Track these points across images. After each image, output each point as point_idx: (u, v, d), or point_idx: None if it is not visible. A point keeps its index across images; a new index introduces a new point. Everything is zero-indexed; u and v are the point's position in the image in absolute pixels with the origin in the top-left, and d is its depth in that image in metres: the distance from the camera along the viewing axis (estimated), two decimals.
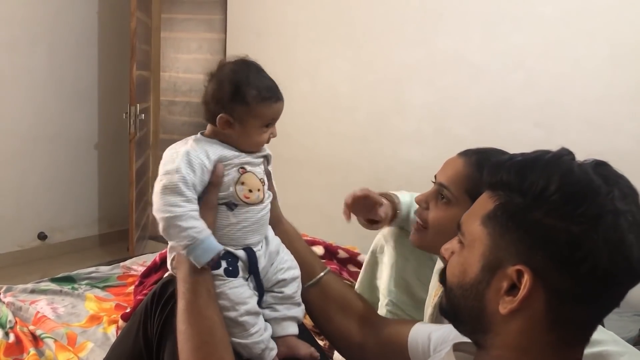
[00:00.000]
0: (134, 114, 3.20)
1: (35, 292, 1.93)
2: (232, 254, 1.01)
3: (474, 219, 0.71)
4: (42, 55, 3.28)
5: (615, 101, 2.22)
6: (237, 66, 1.05)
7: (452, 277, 0.74)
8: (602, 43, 2.23)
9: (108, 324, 1.74)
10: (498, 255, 0.67)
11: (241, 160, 1.03)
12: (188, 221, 0.93)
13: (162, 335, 1.05)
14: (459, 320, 0.75)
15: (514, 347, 0.68)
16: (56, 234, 3.50)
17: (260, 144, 1.06)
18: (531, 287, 0.64)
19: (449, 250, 0.77)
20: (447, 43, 2.57)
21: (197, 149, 1.00)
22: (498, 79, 2.46)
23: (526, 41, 2.38)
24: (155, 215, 0.95)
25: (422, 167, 2.70)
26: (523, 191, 0.66)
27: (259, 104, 1.02)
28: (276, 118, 1.06)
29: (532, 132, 2.38)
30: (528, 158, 0.69)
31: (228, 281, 0.99)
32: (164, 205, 0.94)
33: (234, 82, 1.02)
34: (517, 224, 0.66)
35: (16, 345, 1.58)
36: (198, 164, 0.97)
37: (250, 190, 1.02)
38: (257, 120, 1.03)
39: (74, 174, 3.57)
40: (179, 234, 0.93)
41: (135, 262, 2.29)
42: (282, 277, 1.07)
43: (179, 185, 0.94)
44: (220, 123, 1.03)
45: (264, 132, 1.04)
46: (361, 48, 2.80)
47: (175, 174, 0.95)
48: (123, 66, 3.46)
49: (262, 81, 1.04)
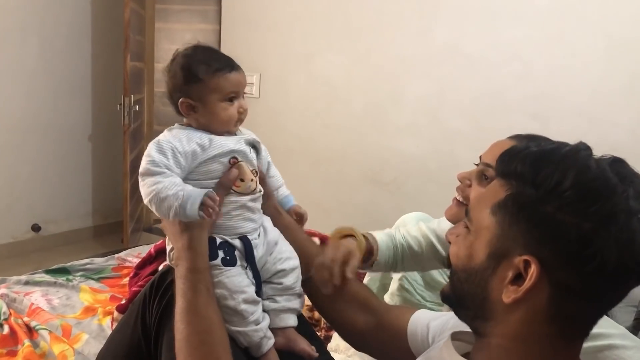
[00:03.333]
0: (127, 106, 3.18)
1: (29, 283, 1.93)
2: (228, 243, 1.01)
3: (483, 205, 0.71)
4: (33, 46, 3.25)
5: (610, 93, 2.23)
6: (186, 51, 1.06)
7: (457, 260, 0.74)
8: (598, 35, 2.24)
9: (103, 315, 1.74)
10: (505, 245, 0.67)
11: (231, 149, 1.02)
12: (172, 188, 0.93)
13: (161, 325, 1.04)
14: (461, 305, 0.76)
15: (513, 337, 0.68)
16: (50, 225, 3.49)
17: (230, 120, 1.04)
18: (537, 278, 0.64)
19: (454, 234, 0.77)
20: (442, 35, 2.56)
21: (167, 135, 1.00)
22: (494, 71, 2.46)
23: (522, 33, 2.38)
24: (146, 204, 0.96)
25: (417, 159, 2.70)
26: (536, 183, 0.65)
27: (212, 76, 1.01)
28: (238, 90, 1.04)
29: (527, 124, 2.38)
30: (544, 150, 0.68)
31: (226, 270, 0.99)
32: (146, 189, 0.95)
33: (184, 65, 1.03)
34: (528, 215, 0.65)
35: (10, 336, 1.58)
36: (169, 148, 0.97)
37: (242, 180, 1.02)
38: (215, 94, 1.01)
39: (67, 166, 3.55)
40: (171, 202, 0.93)
41: (129, 253, 2.29)
42: (281, 268, 1.06)
43: (150, 167, 0.95)
44: (183, 109, 1.03)
45: (229, 106, 1.03)
46: (357, 40, 2.79)
47: (146, 160, 0.96)
48: (116, 57, 3.44)
49: (212, 56, 1.04)
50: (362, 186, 2.85)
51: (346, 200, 2.91)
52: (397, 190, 2.74)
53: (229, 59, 1.05)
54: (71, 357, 1.51)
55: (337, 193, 2.96)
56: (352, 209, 2.89)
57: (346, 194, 2.91)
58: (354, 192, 2.88)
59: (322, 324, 1.68)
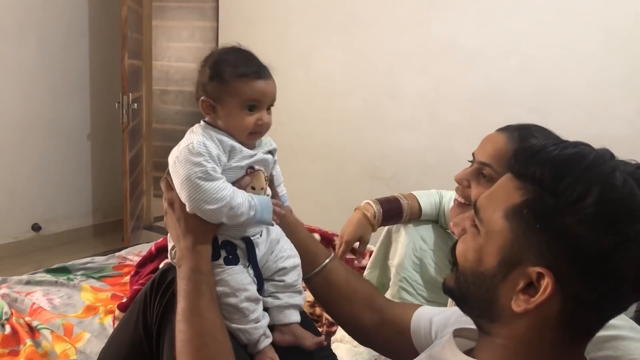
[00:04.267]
0: (126, 104, 3.18)
1: (30, 283, 1.93)
2: (230, 242, 1.01)
3: (495, 207, 0.68)
4: (31, 45, 3.24)
5: (609, 86, 2.23)
6: (220, 50, 1.03)
7: (464, 262, 0.71)
8: (596, 28, 2.23)
9: (104, 314, 1.74)
10: (519, 253, 0.64)
11: (252, 160, 1.00)
12: (237, 197, 0.93)
13: (162, 323, 1.04)
14: (466, 304, 0.74)
15: (518, 340, 0.67)
16: (50, 225, 3.49)
17: (245, 129, 0.98)
18: (551, 292, 0.62)
19: (460, 226, 0.74)
20: (441, 29, 2.56)
21: (207, 137, 0.97)
22: (492, 65, 2.46)
23: (520, 27, 2.38)
24: (202, 211, 0.93)
25: (416, 153, 2.70)
26: (556, 193, 0.62)
27: (236, 80, 0.97)
28: (261, 100, 0.98)
29: (526, 118, 2.36)
30: (566, 155, 0.63)
31: (228, 268, 0.99)
32: (210, 196, 0.92)
33: (213, 63, 0.99)
34: (545, 226, 0.62)
35: (12, 336, 1.58)
36: (215, 154, 0.95)
37: (253, 188, 1.00)
38: (235, 99, 0.97)
39: (67, 165, 3.55)
40: (240, 211, 0.93)
41: (130, 252, 2.29)
42: (283, 266, 1.06)
43: (213, 174, 0.93)
44: (203, 108, 1.01)
45: (248, 115, 0.97)
46: (355, 35, 2.78)
47: (204, 164, 0.93)
48: (114, 55, 3.43)
49: (243, 59, 0.99)
50: (362, 181, 2.85)
51: (345, 196, 2.91)
52: (396, 185, 2.74)
53: (260, 67, 1.00)
54: (73, 356, 1.51)
55: (337, 189, 2.96)
56: (352, 204, 2.87)
57: (345, 189, 2.91)
58: (353, 188, 2.88)
59: (324, 320, 1.68)
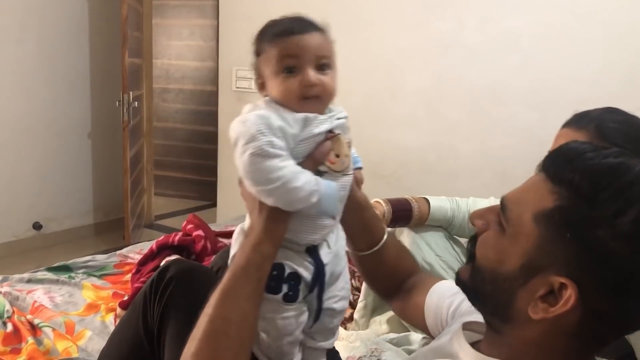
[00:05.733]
0: (127, 102, 3.18)
1: (32, 281, 1.93)
2: (296, 275, 0.87)
3: (525, 208, 0.65)
4: (31, 44, 3.24)
5: (610, 83, 2.23)
6: (266, 23, 0.90)
7: (484, 261, 0.69)
8: (597, 25, 2.23)
9: (106, 312, 1.75)
10: (544, 259, 0.62)
11: (329, 125, 0.85)
12: (299, 179, 0.79)
13: (162, 321, 1.05)
14: (479, 300, 0.72)
15: (529, 343, 0.66)
16: (51, 223, 3.50)
17: (290, 95, 0.83)
18: (573, 304, 0.60)
19: (483, 220, 0.72)
20: (441, 26, 2.55)
21: (270, 112, 0.83)
22: (493, 62, 2.45)
23: (521, 24, 2.37)
24: (258, 191, 0.80)
25: (416, 151, 2.70)
26: (593, 204, 0.59)
27: (268, 45, 0.84)
28: (297, 55, 0.83)
29: (527, 115, 2.38)
30: (609, 165, 0.60)
31: (284, 308, 0.87)
32: (265, 175, 0.78)
33: (254, 39, 0.89)
34: (576, 235, 0.60)
35: (14, 334, 1.58)
36: (277, 126, 0.81)
37: (337, 155, 0.85)
38: (269, 66, 0.84)
39: (67, 163, 3.55)
40: (297, 196, 0.79)
41: (131, 250, 2.29)
42: (333, 307, 0.93)
43: (269, 149, 0.78)
44: (257, 87, 0.90)
45: (288, 77, 0.83)
46: (355, 33, 2.78)
47: (260, 138, 0.79)
48: (115, 53, 3.43)
49: (277, 24, 0.87)
50: None
51: None
52: (396, 182, 2.74)
53: (298, 22, 0.86)
54: (75, 353, 1.51)
55: None
56: None
57: None
58: None
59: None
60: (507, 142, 2.43)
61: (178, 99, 4.85)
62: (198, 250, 1.92)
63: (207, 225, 2.09)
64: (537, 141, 2.51)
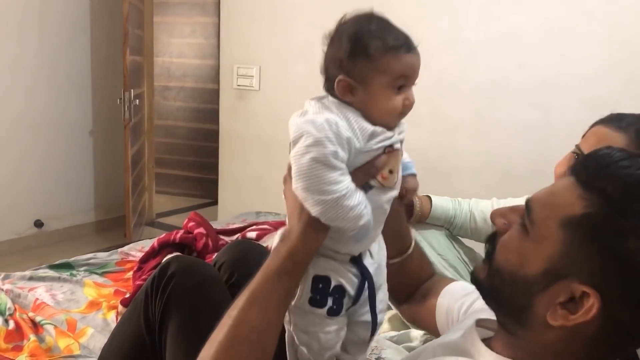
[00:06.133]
0: (128, 100, 3.18)
1: (33, 279, 1.93)
2: (341, 287, 0.85)
3: (552, 212, 0.63)
4: (32, 41, 3.24)
5: (612, 81, 2.22)
6: (357, 19, 0.87)
7: (504, 262, 0.68)
8: (599, 23, 2.22)
9: (107, 309, 1.75)
10: (567, 266, 0.61)
11: (392, 140, 0.84)
12: (352, 198, 0.76)
13: (164, 318, 1.05)
14: (495, 301, 0.71)
15: (544, 348, 0.65)
16: (52, 221, 3.50)
17: (393, 112, 0.83)
18: (595, 314, 0.59)
19: (505, 219, 0.70)
20: (442, 24, 2.55)
21: (342, 118, 0.80)
22: (494, 59, 2.45)
23: (522, 21, 2.37)
24: (305, 197, 0.77)
25: (417, 149, 2.70)
26: (625, 214, 0.57)
27: (385, 55, 0.81)
28: (410, 75, 0.83)
29: (528, 113, 2.38)
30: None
31: (326, 324, 0.85)
32: (320, 185, 0.76)
33: (353, 36, 0.83)
34: (604, 245, 0.58)
35: (16, 332, 1.58)
36: (346, 137, 0.78)
37: (390, 172, 0.84)
38: (383, 78, 0.81)
39: (69, 161, 3.55)
40: (345, 215, 0.76)
41: (133, 247, 2.29)
42: (369, 320, 0.90)
43: (331, 160, 0.76)
44: (339, 89, 0.83)
45: (396, 94, 0.82)
46: None
47: (326, 145, 0.76)
48: (116, 51, 3.43)
49: (388, 29, 0.84)
50: None
51: None
52: None
53: (407, 37, 0.85)
54: (77, 350, 1.51)
55: None
56: None
57: None
58: None
59: None
60: (509, 140, 2.43)
61: (179, 96, 4.85)
62: (199, 248, 1.92)
63: (208, 222, 2.09)
64: (539, 139, 2.53)
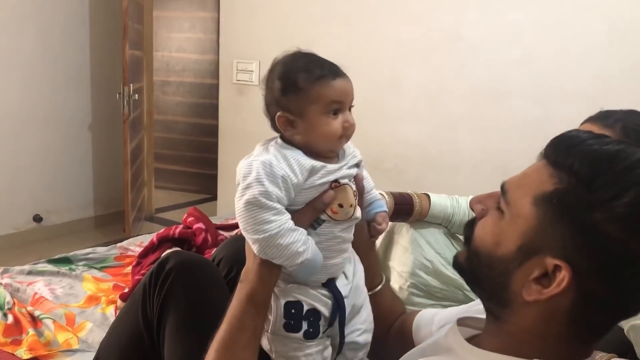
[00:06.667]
0: (127, 94, 3.18)
1: (32, 273, 1.93)
2: (315, 310, 0.88)
3: (525, 191, 0.66)
4: (31, 36, 3.23)
5: (612, 77, 2.22)
6: (285, 58, 0.92)
7: (481, 244, 0.70)
8: (600, 19, 2.22)
9: (106, 304, 1.75)
10: (540, 241, 0.63)
11: (336, 175, 0.88)
12: (286, 237, 0.81)
13: (162, 313, 1.05)
14: (476, 284, 0.74)
15: (529, 331, 0.66)
16: (51, 216, 3.50)
17: (334, 136, 0.87)
18: (565, 287, 0.61)
19: (482, 205, 0.73)
20: (443, 20, 2.54)
21: (277, 157, 0.85)
22: (494, 56, 2.44)
23: (523, 18, 2.36)
24: (246, 237, 0.84)
25: (417, 145, 2.70)
26: (591, 188, 0.60)
27: (314, 85, 0.86)
28: (342, 100, 0.88)
29: (529, 109, 2.38)
30: (608, 152, 0.62)
31: (305, 347, 0.88)
32: (253, 225, 0.81)
33: (282, 73, 0.89)
34: (573, 218, 0.61)
35: (15, 326, 1.58)
36: (280, 176, 0.82)
37: (340, 205, 0.87)
38: (316, 106, 0.86)
39: (68, 156, 3.55)
40: (281, 253, 0.81)
41: (132, 242, 2.29)
42: (355, 340, 0.93)
43: (262, 200, 0.80)
44: (280, 124, 0.88)
45: (333, 119, 0.87)
46: (356, 26, 2.77)
47: (256, 186, 0.81)
48: (115, 46, 3.43)
49: (314, 62, 0.90)
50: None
51: None
52: (397, 176, 2.74)
53: (333, 65, 0.91)
54: (75, 345, 1.51)
55: None
56: None
57: None
58: None
59: None
60: (509, 136, 2.42)
61: (178, 91, 4.85)
62: (199, 243, 1.92)
63: (207, 218, 2.09)
64: (539, 135, 2.51)
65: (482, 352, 0.70)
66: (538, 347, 0.66)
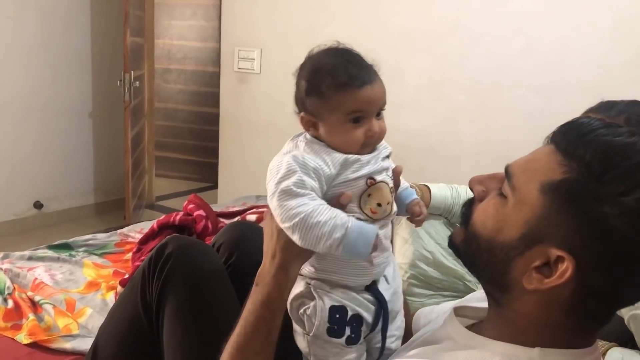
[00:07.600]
0: (128, 82, 3.16)
1: (32, 259, 1.94)
2: (358, 316, 0.86)
3: (532, 177, 0.64)
4: (31, 21, 3.22)
5: (615, 67, 2.21)
6: (316, 55, 0.87)
7: (482, 227, 0.69)
8: (604, 9, 2.20)
9: (106, 290, 1.75)
10: (545, 230, 0.62)
11: (370, 170, 0.84)
12: (324, 213, 0.76)
13: (161, 298, 1.05)
14: (474, 268, 0.73)
15: (529, 318, 0.66)
16: (52, 203, 3.50)
17: (354, 144, 0.83)
18: (568, 277, 0.60)
19: (483, 186, 0.72)
20: (445, 8, 2.52)
21: (309, 151, 0.83)
22: (497, 45, 2.43)
23: (526, 6, 2.35)
24: (285, 229, 0.79)
25: (419, 134, 2.69)
26: (602, 180, 0.59)
27: (335, 92, 0.82)
28: (366, 110, 0.84)
29: (531, 99, 2.37)
30: (621, 144, 0.60)
31: (345, 352, 0.87)
32: (288, 211, 0.77)
33: (309, 74, 0.86)
34: (581, 209, 0.60)
35: (15, 311, 1.59)
36: (312, 167, 0.80)
37: (379, 205, 0.84)
38: (336, 114, 0.83)
39: (68, 143, 3.54)
40: (322, 231, 0.76)
41: (132, 229, 2.29)
42: (388, 347, 0.91)
43: (296, 189, 0.78)
44: (303, 124, 0.87)
45: (355, 127, 0.83)
46: (358, 14, 2.75)
47: (290, 177, 0.78)
48: (116, 33, 3.41)
49: (342, 64, 0.84)
50: None
51: None
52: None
53: (361, 69, 0.86)
54: (75, 330, 1.52)
55: None
56: None
57: None
58: None
59: None
60: (511, 126, 2.41)
61: (180, 79, 4.83)
62: (199, 230, 1.92)
63: (208, 205, 2.09)
64: (541, 125, 2.50)
65: (483, 339, 0.69)
66: (539, 336, 0.65)
